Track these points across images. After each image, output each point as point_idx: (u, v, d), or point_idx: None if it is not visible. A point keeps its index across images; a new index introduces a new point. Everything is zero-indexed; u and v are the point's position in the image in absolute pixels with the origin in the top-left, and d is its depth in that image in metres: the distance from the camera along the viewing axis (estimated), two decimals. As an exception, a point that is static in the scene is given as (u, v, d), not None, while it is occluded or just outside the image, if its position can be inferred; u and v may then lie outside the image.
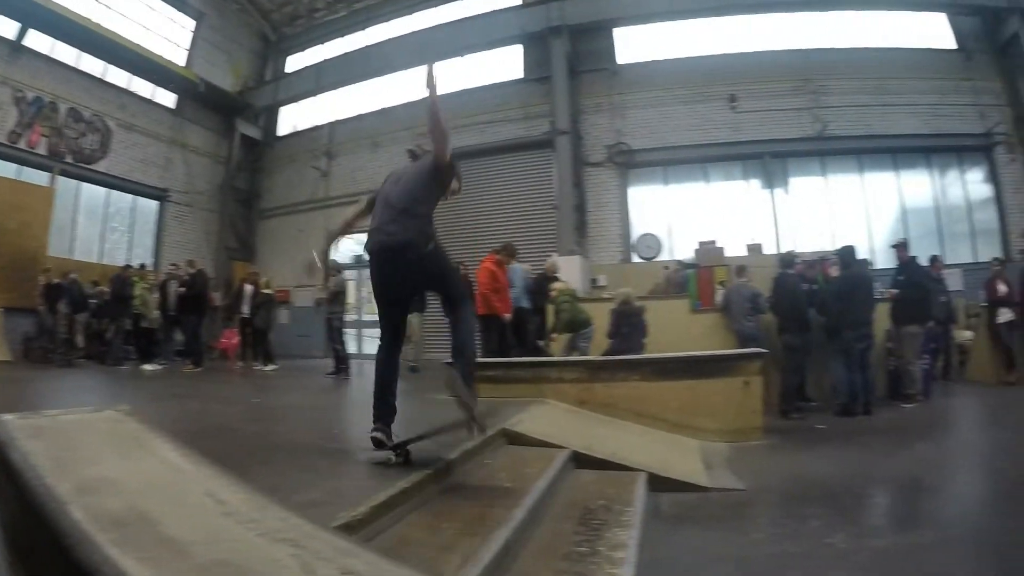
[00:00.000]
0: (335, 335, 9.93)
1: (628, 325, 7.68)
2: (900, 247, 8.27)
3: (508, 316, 8.29)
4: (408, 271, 3.27)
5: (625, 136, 12.79)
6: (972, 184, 13.58)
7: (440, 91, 3.26)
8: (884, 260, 10.81)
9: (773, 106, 12.79)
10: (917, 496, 4.24)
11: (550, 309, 8.40)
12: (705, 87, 13.04)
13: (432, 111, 3.24)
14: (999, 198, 13.24)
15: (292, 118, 18.12)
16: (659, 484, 4.03)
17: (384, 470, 3.09)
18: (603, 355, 7.34)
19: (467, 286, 3.66)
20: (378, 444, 3.25)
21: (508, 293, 8.50)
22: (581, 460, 4.13)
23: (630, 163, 12.90)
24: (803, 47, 13.42)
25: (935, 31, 14.25)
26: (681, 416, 5.71)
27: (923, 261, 9.02)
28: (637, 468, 4.09)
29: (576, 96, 13.29)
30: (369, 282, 3.57)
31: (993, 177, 13.40)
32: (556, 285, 8.53)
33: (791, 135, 12.72)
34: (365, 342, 14.98)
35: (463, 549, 2.27)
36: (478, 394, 3.32)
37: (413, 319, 10.61)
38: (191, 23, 16.91)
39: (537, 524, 2.87)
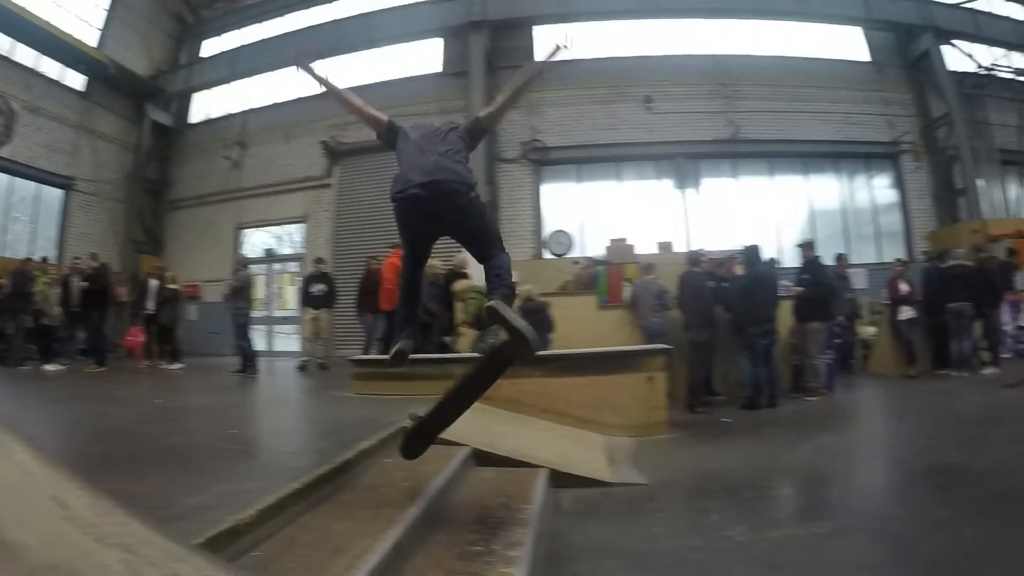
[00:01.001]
0: (241, 332, 9.50)
1: (532, 322, 7.44)
2: (805, 247, 8.53)
3: None
4: (454, 212, 3.25)
5: (540, 133, 12.71)
6: (879, 189, 14.26)
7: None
8: (791, 259, 10.99)
9: (688, 108, 12.97)
10: (817, 487, 4.36)
11: (458, 306, 8.24)
12: (622, 87, 13.12)
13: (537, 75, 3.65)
14: (904, 203, 13.96)
15: (205, 105, 17.31)
16: (562, 480, 4.09)
17: (281, 469, 3.06)
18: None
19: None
20: (399, 356, 3.32)
21: None
22: (483, 457, 4.15)
23: (544, 160, 12.83)
24: (721, 53, 13.71)
25: (851, 44, 14.83)
26: (586, 411, 5.78)
27: (830, 260, 9.37)
28: (539, 465, 4.11)
29: (493, 92, 12.98)
30: (259, 280, 3.42)
31: (899, 183, 14.06)
32: (460, 282, 8.34)
33: (704, 137, 12.95)
34: (276, 339, 14.44)
35: (353, 550, 2.24)
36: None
37: (323, 315, 10.24)
38: (106, 1, 15.91)
39: (433, 523, 2.87)
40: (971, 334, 9.17)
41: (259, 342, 12.04)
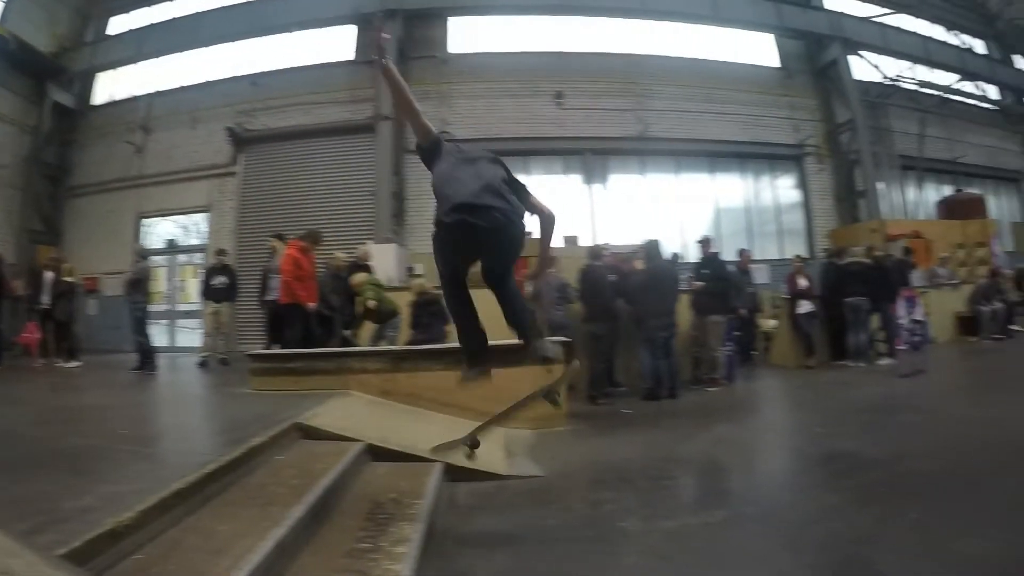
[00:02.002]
0: (139, 327, 9.06)
1: (428, 315, 7.61)
2: (704, 243, 8.76)
3: (313, 305, 7.95)
4: (505, 241, 3.23)
5: (450, 125, 12.43)
6: (782, 189, 14.81)
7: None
8: (696, 254, 11.12)
9: (598, 105, 13.09)
10: (712, 477, 4.44)
11: (359, 300, 8.10)
12: (534, 82, 13.14)
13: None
14: (806, 202, 14.57)
15: (110, 87, 16.39)
16: (458, 474, 4.10)
17: (169, 469, 2.99)
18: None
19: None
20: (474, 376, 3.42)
21: (313, 282, 8.16)
22: (378, 453, 4.12)
23: None
24: (634, 52, 13.88)
25: (762, 50, 15.28)
26: (486, 404, 5.54)
27: (733, 256, 9.82)
28: (433, 459, 4.11)
29: (404, 81, 12.80)
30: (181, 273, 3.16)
31: (802, 184, 14.61)
32: (357, 276, 8.22)
33: (613, 134, 13.10)
34: (178, 334, 13.83)
35: (235, 551, 2.20)
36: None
37: (224, 309, 9.86)
38: (10, -28, 14.95)
39: (322, 521, 2.86)
40: (867, 327, 9.61)
41: (159, 337, 11.51)
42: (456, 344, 6.28)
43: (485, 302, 3.46)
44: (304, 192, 12.65)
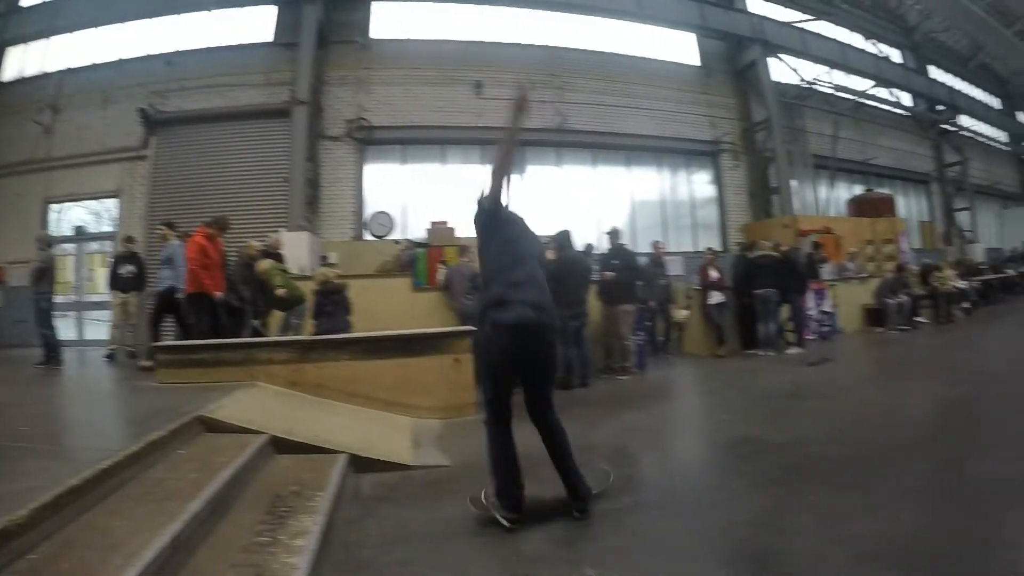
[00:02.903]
0: (44, 319, 8.57)
1: (332, 304, 7.53)
2: (613, 234, 8.81)
3: (220, 295, 7.66)
4: (545, 349, 3.20)
5: (367, 112, 12.36)
6: (698, 184, 15.08)
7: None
8: (606, 245, 11.28)
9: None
10: (619, 464, 4.30)
11: (269, 288, 7.95)
12: (453, 71, 13.03)
13: None
14: (721, 198, 14.99)
15: (20, 62, 15.62)
16: (364, 465, 4.07)
17: (66, 466, 2.86)
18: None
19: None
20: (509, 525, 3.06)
21: (220, 270, 7.86)
22: (282, 445, 4.05)
23: (369, 139, 12.47)
24: (555, 45, 13.95)
25: (683, 48, 15.59)
26: (394, 395, 5.77)
27: (648, 248, 10.02)
28: (338, 450, 4.07)
29: (322, 66, 12.61)
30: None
31: (717, 179, 14.95)
32: (263, 263, 8.05)
33: (531, 125, 12.84)
34: (87, 326, 13.29)
35: (128, 548, 2.16)
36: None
37: (132, 299, 9.52)
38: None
39: (221, 515, 2.83)
40: (777, 317, 9.89)
41: (66, 330, 11.01)
42: (364, 335, 6.38)
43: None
44: (217, 178, 12.21)
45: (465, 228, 10.34)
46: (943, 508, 3.22)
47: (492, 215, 3.30)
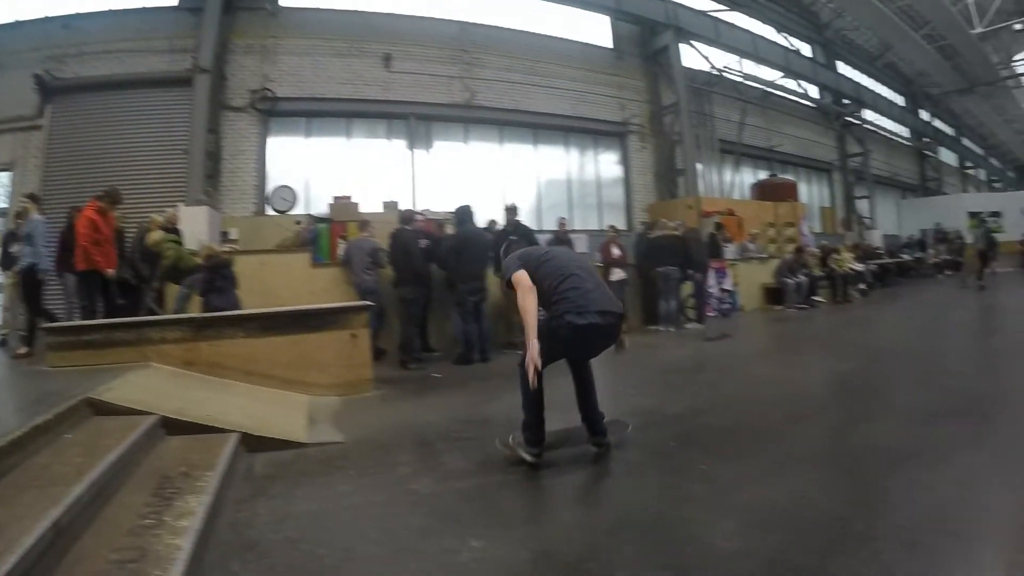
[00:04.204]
0: None
1: (221, 278, 7.22)
2: (511, 210, 8.84)
3: (112, 272, 7.34)
4: (603, 343, 3.87)
5: (272, 82, 11.96)
6: (605, 164, 15.30)
7: None
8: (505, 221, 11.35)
9: (426, 71, 12.96)
10: (507, 436, 4.25)
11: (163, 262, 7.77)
12: (362, 43, 12.75)
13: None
14: (627, 178, 15.20)
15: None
16: (257, 444, 4.01)
17: None
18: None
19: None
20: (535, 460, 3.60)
21: (112, 246, 7.50)
22: (173, 426, 3.96)
23: (273, 111, 12.09)
24: (467, 20, 13.83)
25: (596, 29, 15.74)
26: (291, 372, 5.63)
27: (553, 225, 10.12)
28: (231, 429, 4.00)
29: (227, 33, 12.15)
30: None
31: (624, 160, 15.20)
32: (154, 234, 7.84)
33: (439, 100, 13.03)
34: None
35: (8, 535, 2.09)
36: None
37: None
38: None
39: (107, 499, 2.76)
40: (678, 295, 10.18)
41: None
42: (259, 311, 6.21)
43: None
44: (115, 149, 11.61)
45: (369, 204, 10.37)
46: (829, 474, 3.37)
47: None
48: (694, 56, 16.80)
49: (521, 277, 3.62)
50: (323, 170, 12.37)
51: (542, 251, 3.90)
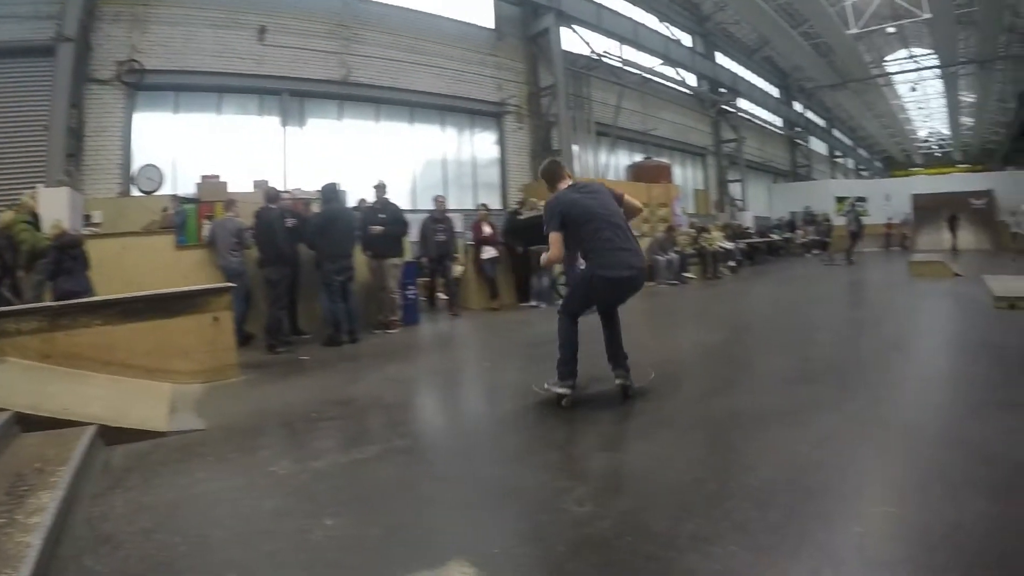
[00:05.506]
0: None
1: (70, 259, 6.69)
2: (380, 188, 8.76)
3: None
4: (629, 293, 4.39)
5: (141, 53, 11.25)
6: (481, 144, 15.54)
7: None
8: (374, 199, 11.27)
9: (303, 45, 12.66)
10: (372, 415, 4.49)
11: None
12: (238, 14, 12.18)
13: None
14: (503, 158, 15.53)
15: None
16: (115, 436, 3.88)
17: None
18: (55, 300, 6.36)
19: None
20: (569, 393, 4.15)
21: None
22: (28, 421, 3.78)
23: (140, 84, 11.33)
24: None
25: (478, 9, 15.85)
26: (153, 360, 5.39)
27: (430, 204, 10.08)
28: (88, 422, 3.84)
29: (97, -1, 11.44)
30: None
31: (501, 140, 15.57)
32: (4, 216, 7.30)
33: (315, 76, 12.82)
34: None
35: None
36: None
37: None
38: None
39: None
40: (551, 272, 10.48)
41: None
42: (117, 297, 5.80)
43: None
44: None
45: (240, 183, 9.93)
46: (688, 439, 3.53)
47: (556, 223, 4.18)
48: (575, 40, 17.12)
49: (556, 239, 4.17)
50: (192, 148, 11.84)
51: (580, 210, 4.15)
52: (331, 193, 7.96)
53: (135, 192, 11.05)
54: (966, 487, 2.59)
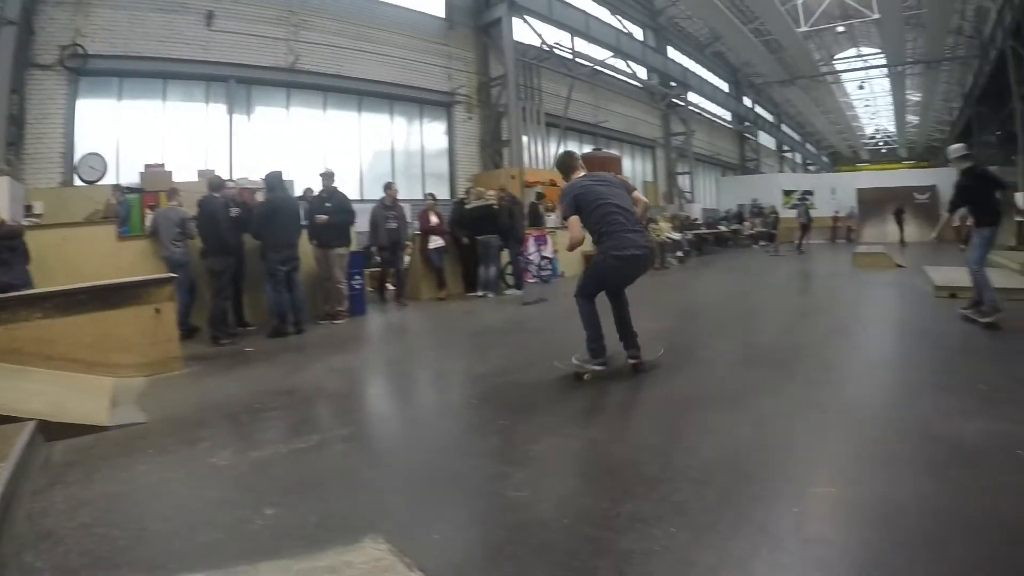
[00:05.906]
0: None
1: (8, 251, 6.48)
2: (327, 176, 8.72)
3: None
4: (639, 273, 4.76)
5: (84, 37, 10.96)
6: (430, 134, 15.58)
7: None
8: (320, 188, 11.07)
9: (250, 31, 12.50)
10: (314, 404, 4.55)
11: None
12: None
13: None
14: (452, 148, 15.62)
15: None
16: (56, 431, 3.81)
17: None
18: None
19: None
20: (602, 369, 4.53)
21: None
22: None
23: (84, 70, 11.02)
24: None
25: None
26: (94, 354, 5.30)
27: (380, 193, 10.03)
28: (26, 418, 3.76)
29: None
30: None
31: (450, 130, 15.67)
32: None
33: (262, 63, 12.69)
34: None
35: None
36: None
37: None
38: None
39: None
40: (498, 262, 10.62)
41: None
42: (55, 289, 5.59)
43: None
44: None
45: (185, 172, 9.94)
46: (628, 424, 3.64)
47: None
48: (526, 31, 17.23)
49: (574, 222, 4.51)
50: (136, 136, 11.60)
51: (593, 195, 4.53)
52: (275, 181, 7.86)
53: (77, 182, 10.76)
54: (903, 466, 2.70)
